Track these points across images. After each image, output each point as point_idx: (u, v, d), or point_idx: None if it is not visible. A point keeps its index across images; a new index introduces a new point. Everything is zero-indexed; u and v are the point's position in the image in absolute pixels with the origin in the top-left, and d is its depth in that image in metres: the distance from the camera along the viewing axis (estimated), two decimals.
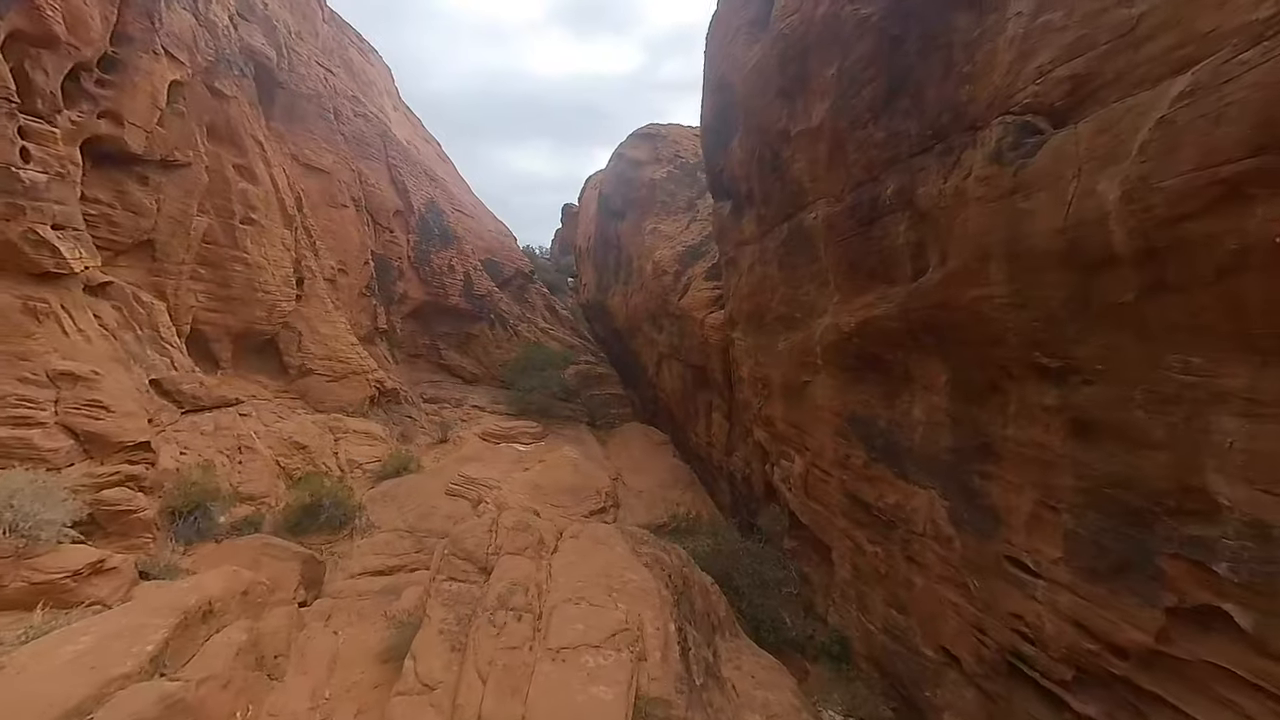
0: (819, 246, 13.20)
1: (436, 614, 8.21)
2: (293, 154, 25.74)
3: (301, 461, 18.71)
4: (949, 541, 10.23)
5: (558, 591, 8.05)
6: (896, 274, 10.83)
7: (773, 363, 16.47)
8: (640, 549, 9.48)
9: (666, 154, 33.02)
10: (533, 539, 8.94)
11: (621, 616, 7.33)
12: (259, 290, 20.85)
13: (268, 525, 15.36)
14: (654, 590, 7.98)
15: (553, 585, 8.08)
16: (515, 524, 9.12)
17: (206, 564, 10.80)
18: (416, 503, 18.01)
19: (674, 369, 27.66)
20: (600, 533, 9.49)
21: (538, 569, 8.38)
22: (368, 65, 41.07)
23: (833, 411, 13.71)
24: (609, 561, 8.61)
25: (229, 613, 8.44)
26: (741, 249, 17.88)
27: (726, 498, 23.63)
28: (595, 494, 19.61)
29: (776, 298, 15.75)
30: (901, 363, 11.35)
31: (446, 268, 33.78)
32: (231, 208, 20.00)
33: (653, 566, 8.91)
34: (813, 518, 15.04)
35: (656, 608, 7.64)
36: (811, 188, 13.13)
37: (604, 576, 8.19)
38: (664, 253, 27.85)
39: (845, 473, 13.25)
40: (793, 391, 15.42)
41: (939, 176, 9.27)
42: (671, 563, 9.66)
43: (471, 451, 23.80)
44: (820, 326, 13.61)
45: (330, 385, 23.56)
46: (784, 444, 16.45)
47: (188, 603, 8.19)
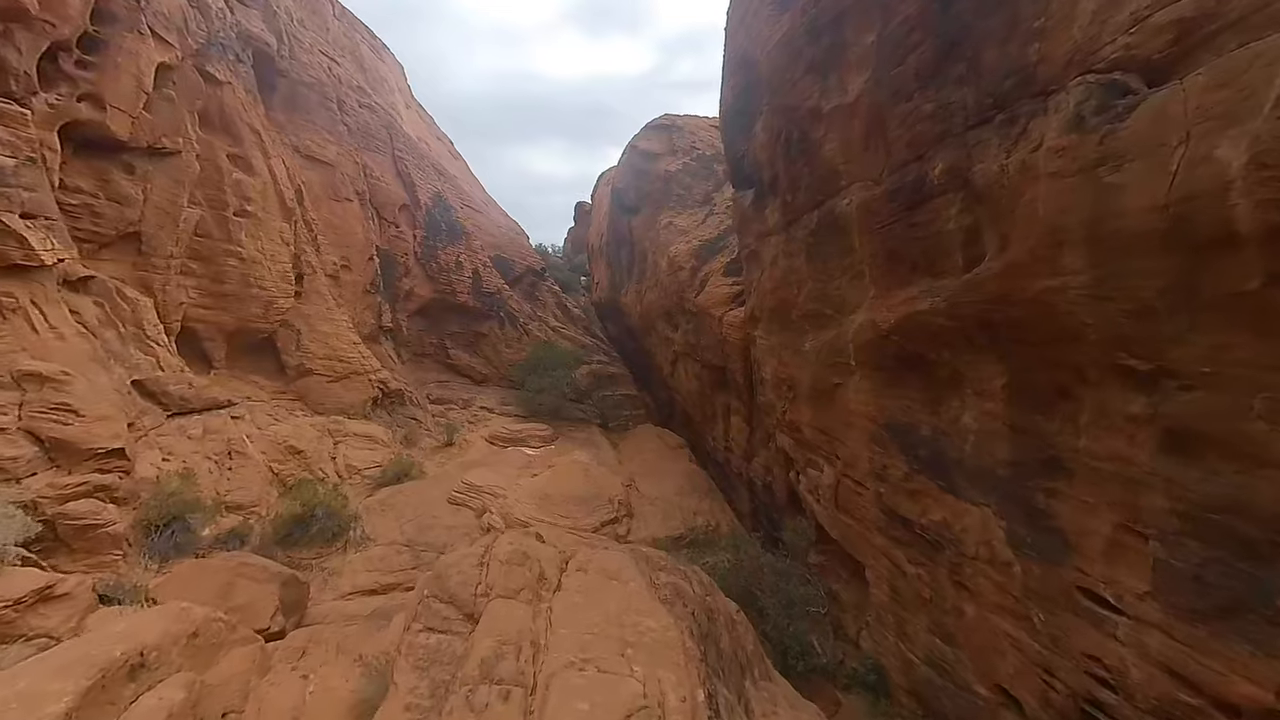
0: (853, 236, 12.11)
1: (405, 680, 6.77)
2: (294, 145, 24.87)
3: (296, 467, 17.77)
4: (1007, 567, 9.10)
5: (559, 649, 6.53)
6: (944, 264, 9.72)
7: (799, 363, 15.37)
8: (658, 578, 8.32)
9: (682, 145, 31.95)
10: (531, 575, 7.64)
11: (638, 687, 5.89)
12: (254, 286, 19.96)
13: (256, 537, 14.45)
14: (676, 642, 6.70)
15: (553, 638, 6.54)
16: (510, 555, 7.88)
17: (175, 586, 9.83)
18: (417, 512, 17.02)
19: (690, 369, 26.61)
20: (612, 563, 8.26)
21: (535, 617, 6.98)
22: (379, 62, 40.50)
23: (867, 417, 12.59)
24: (622, 602, 7.33)
25: (167, 663, 7.10)
26: (764, 241, 16.78)
27: (746, 506, 22.56)
28: (607, 503, 18.55)
29: (803, 293, 14.65)
30: (949, 364, 10.23)
31: (454, 264, 32.84)
32: (225, 199, 19.11)
33: (673, 603, 7.68)
34: (844, 532, 13.93)
35: (681, 666, 6.36)
36: (845, 170, 12.03)
37: (616, 625, 6.83)
38: (680, 247, 26.81)
39: (882, 485, 12.13)
40: (821, 395, 14.31)
41: (1000, 151, 8.14)
42: (694, 593, 8.51)
43: (478, 456, 22.84)
44: (853, 324, 12.52)
45: (330, 386, 22.64)
46: (811, 451, 15.34)
47: (109, 657, 6.71)
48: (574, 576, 7.77)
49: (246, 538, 14.13)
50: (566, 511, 17.41)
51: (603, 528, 17.38)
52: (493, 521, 16.71)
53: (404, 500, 17.67)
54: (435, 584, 7.70)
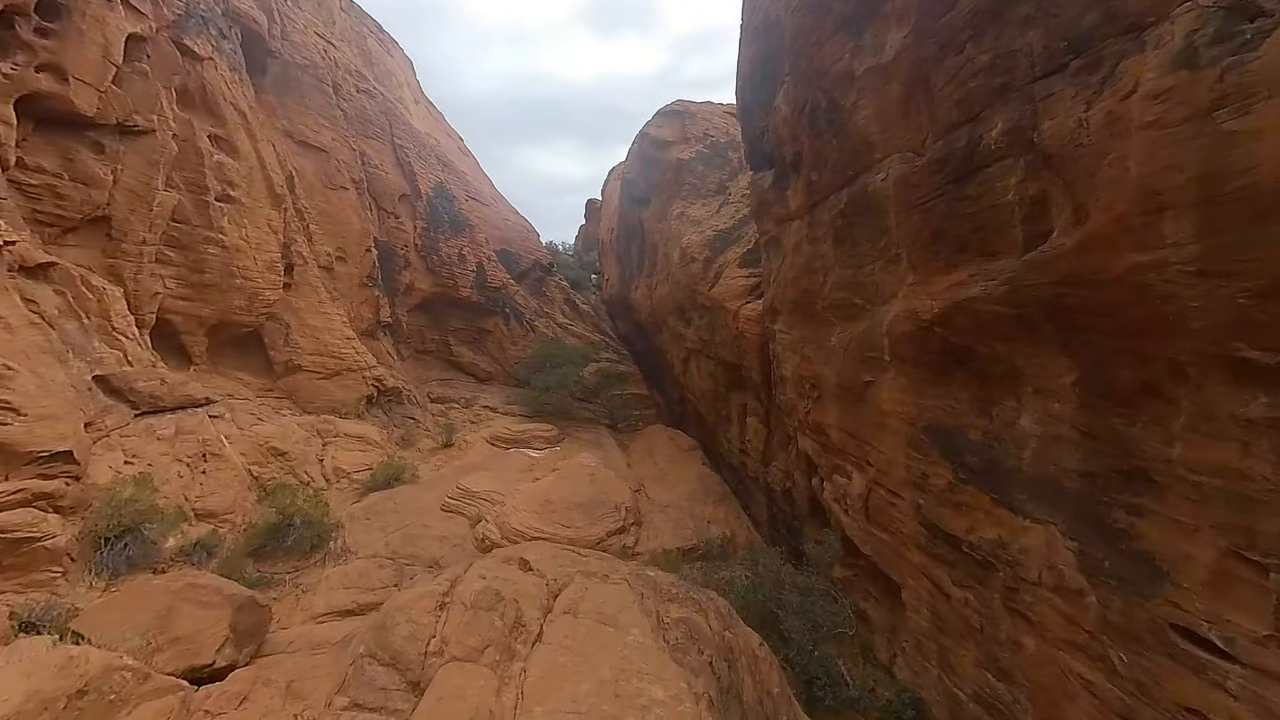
0: (888, 215, 10.89)
1: None
2: (286, 130, 23.80)
3: (278, 470, 16.65)
4: (1079, 596, 7.83)
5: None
6: (1000, 243, 8.49)
7: (824, 359, 14.16)
8: (668, 613, 6.94)
9: (695, 133, 30.79)
10: (503, 624, 5.93)
11: None
12: (238, 276, 18.86)
13: (226, 549, 13.33)
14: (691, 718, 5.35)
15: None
16: (479, 596, 6.27)
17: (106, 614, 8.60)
18: (405, 521, 15.85)
19: (703, 367, 25.44)
20: (610, 601, 6.74)
21: (501, 689, 5.13)
22: (387, 56, 39.96)
23: (904, 419, 11.34)
24: (621, 662, 5.66)
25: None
26: (785, 226, 15.57)
27: (764, 513, 21.36)
28: (614, 510, 17.32)
29: (830, 281, 13.44)
30: (1004, 358, 8.98)
31: (457, 257, 31.70)
32: (205, 182, 18.03)
33: (686, 651, 6.25)
34: (876, 547, 12.68)
35: None
36: (881, 141, 10.80)
37: (611, 697, 4.96)
38: (692, 238, 25.67)
39: (922, 495, 10.87)
40: (851, 394, 13.08)
41: (1077, 103, 6.89)
42: (711, 629, 7.15)
43: (477, 458, 21.64)
44: (888, 314, 11.31)
45: (321, 383, 21.55)
46: (838, 456, 14.11)
47: None
48: (560, 622, 6.30)
49: (214, 549, 12.99)
50: (569, 520, 16.18)
51: (609, 538, 16.16)
52: (487, 532, 15.51)
53: (392, 507, 16.49)
54: (376, 637, 6.10)
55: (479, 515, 16.51)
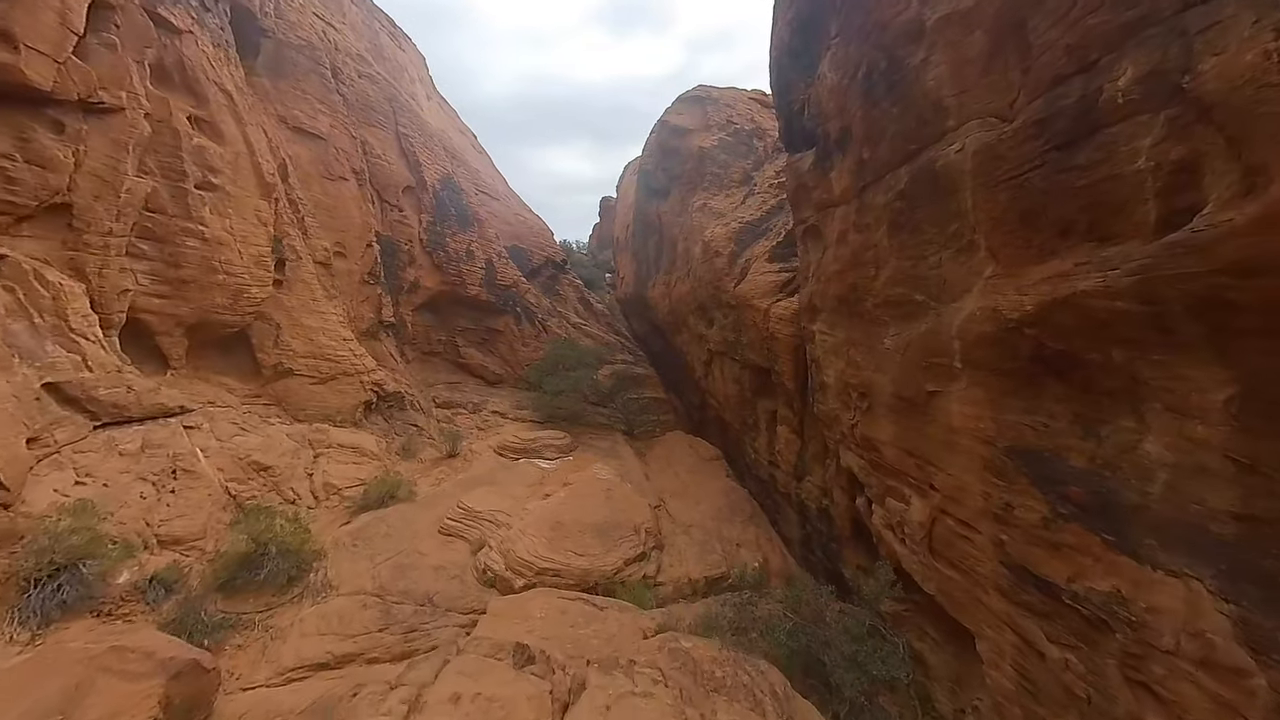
0: (962, 194, 9.26)
1: None
2: (280, 115, 22.37)
3: (260, 487, 15.15)
4: (1238, 676, 6.16)
5: None
6: (1123, 223, 6.83)
7: (875, 365, 12.53)
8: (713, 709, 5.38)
9: (718, 119, 29.25)
10: None
11: None
12: (220, 271, 17.38)
13: (190, 583, 11.81)
14: None
15: None
16: None
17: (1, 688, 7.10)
18: (397, 547, 14.28)
19: (727, 370, 23.86)
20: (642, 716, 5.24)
21: None
22: (399, 50, 39.18)
23: (980, 437, 9.68)
24: None
25: None
26: (828, 213, 13.93)
27: (795, 532, 19.75)
28: (632, 533, 15.67)
29: (883, 275, 11.81)
30: (1122, 367, 7.31)
31: (464, 253, 30.21)
32: (183, 168, 16.55)
33: None
34: (942, 586, 11.00)
35: None
36: (955, 105, 9.16)
37: None
38: (716, 231, 24.13)
39: (1005, 530, 9.19)
40: (910, 406, 11.43)
41: (1262, 30, 5.20)
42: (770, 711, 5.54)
43: (483, 470, 20.05)
44: (959, 313, 9.68)
45: (315, 389, 20.06)
46: (892, 477, 12.44)
47: None
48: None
49: (175, 584, 11.46)
50: (582, 546, 14.55)
51: (627, 567, 14.52)
52: (490, 561, 13.91)
53: (384, 531, 14.89)
54: None
55: (481, 540, 14.93)
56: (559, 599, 10.31)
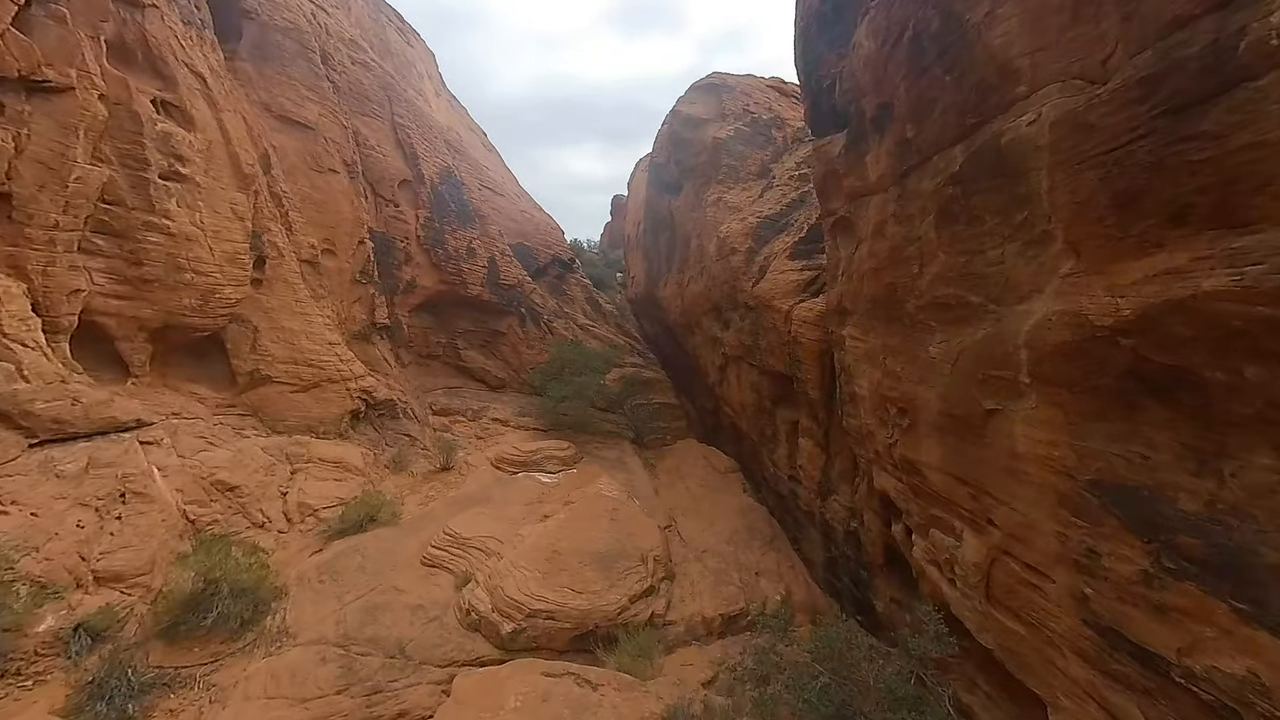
0: (1035, 175, 7.67)
1: None
2: (264, 102, 20.88)
3: (224, 510, 13.65)
4: None
5: None
6: (1267, 205, 5.19)
7: (918, 376, 10.92)
8: None
9: (734, 108, 27.59)
10: None
11: None
12: (188, 270, 15.88)
13: (128, 628, 10.27)
14: None
15: None
16: None
17: None
18: (372, 583, 12.71)
19: (744, 376, 22.23)
20: None
21: None
22: (406, 46, 38.24)
23: (1055, 467, 8.04)
24: None
25: None
26: (861, 203, 12.36)
27: (818, 553, 18.13)
28: (639, 562, 14.01)
29: (929, 273, 10.21)
30: (1260, 388, 5.68)
31: (465, 251, 28.71)
32: (145, 155, 15.04)
33: None
34: (1003, 640, 9.38)
35: None
36: (1030, 66, 7.57)
37: None
38: (732, 226, 22.52)
39: (1089, 582, 7.56)
40: (963, 425, 9.80)
41: None
42: None
43: (477, 487, 18.46)
44: (1029, 318, 8.08)
45: (296, 397, 18.55)
46: (939, 506, 10.83)
47: None
48: None
49: (107, 632, 9.94)
50: (581, 581, 12.89)
51: (633, 604, 12.85)
52: (475, 600, 12.27)
53: (358, 563, 13.29)
54: None
55: (468, 573, 13.34)
56: (542, 677, 8.72)
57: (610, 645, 11.90)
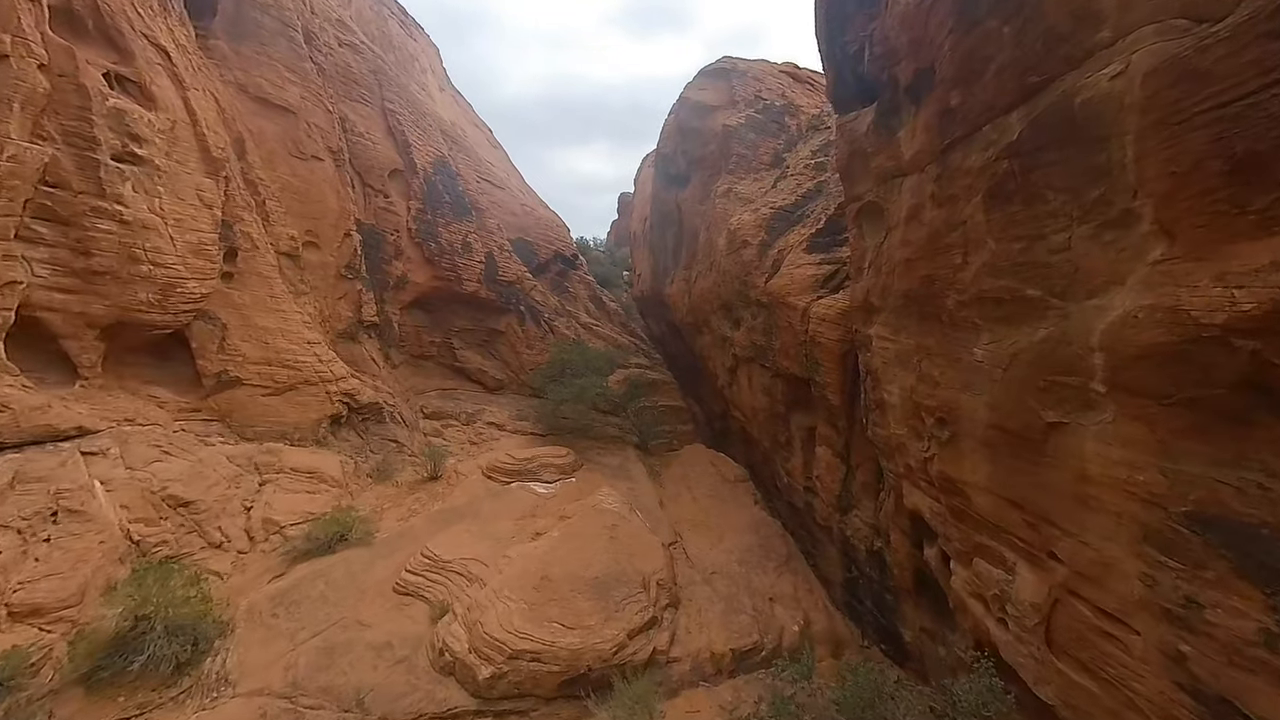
0: (1118, 140, 6.37)
1: None
2: (239, 83, 19.52)
3: (176, 528, 12.24)
4: None
5: None
6: None
7: (962, 382, 9.49)
8: None
9: (745, 95, 26.17)
10: None
11: None
12: (145, 261, 14.47)
13: (41, 674, 8.84)
14: None
15: None
16: None
17: None
18: (332, 615, 11.26)
19: (756, 379, 20.77)
20: None
21: None
22: (409, 40, 37.18)
23: (1138, 495, 6.66)
24: None
25: None
26: (893, 185, 10.94)
27: (837, 572, 16.72)
28: (640, 589, 12.52)
29: (975, 262, 8.80)
30: None
31: (460, 245, 27.26)
32: (93, 134, 13.64)
33: None
34: (1066, 694, 7.97)
35: None
36: (1114, 8, 6.26)
37: None
38: (744, 218, 21.11)
39: (1186, 637, 6.15)
40: (1018, 441, 8.38)
41: None
42: None
43: (464, 500, 16.96)
44: (1106, 314, 6.75)
45: (269, 401, 17.14)
46: (985, 532, 9.42)
47: None
48: None
49: (14, 679, 8.54)
50: (574, 613, 11.37)
51: (631, 640, 11.34)
52: (451, 638, 10.77)
53: (320, 590, 11.83)
54: None
55: (445, 602, 11.88)
56: None
57: (604, 692, 10.40)
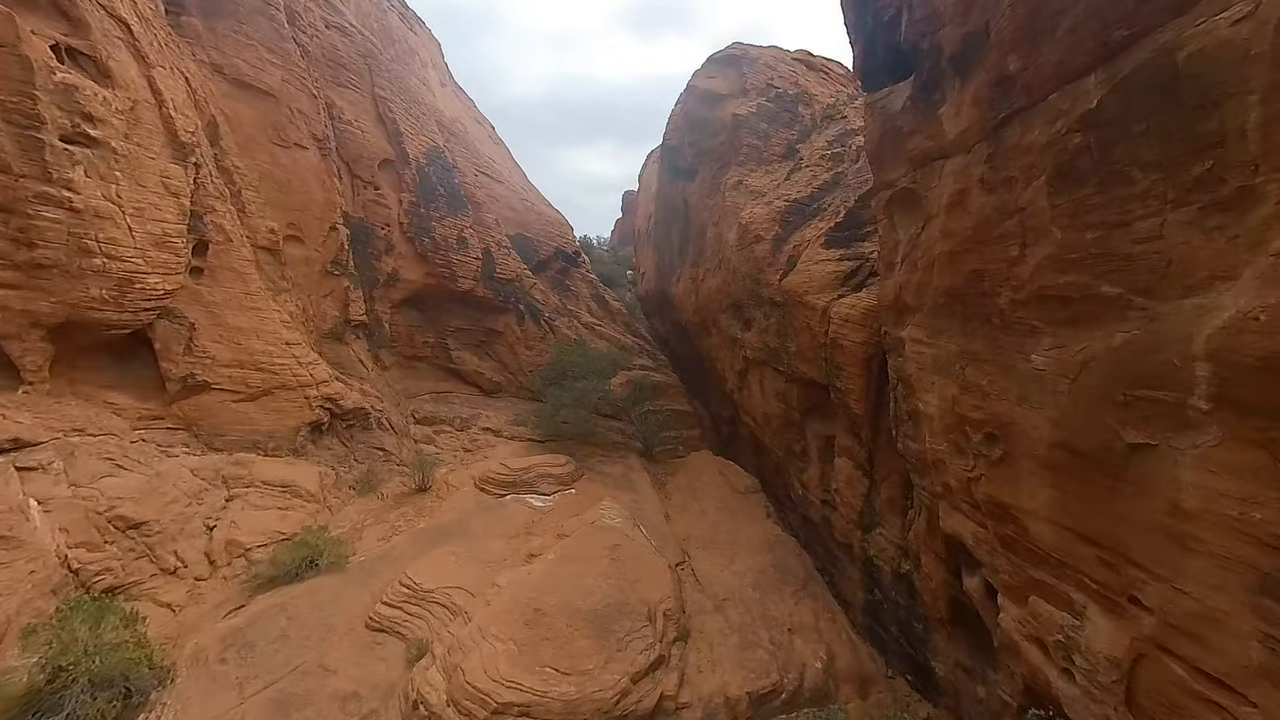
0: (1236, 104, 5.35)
1: None
2: (214, 63, 18.23)
3: (123, 553, 10.90)
4: None
5: None
6: None
7: (1017, 393, 8.21)
8: None
9: (756, 82, 24.87)
10: None
11: None
12: (98, 254, 13.17)
13: None
14: None
15: None
16: None
17: None
18: (292, 659, 9.87)
19: (769, 383, 19.45)
20: None
21: None
22: (410, 33, 36.08)
23: (1251, 536, 5.43)
24: None
25: None
26: (933, 169, 9.66)
27: (857, 594, 15.48)
28: (645, 621, 11.12)
29: (1036, 254, 7.54)
30: None
31: (455, 240, 25.93)
32: (38, 111, 12.32)
33: None
34: None
35: None
36: None
37: None
38: (756, 211, 19.80)
39: None
40: (1090, 464, 7.11)
41: None
42: None
43: (453, 516, 15.54)
44: (1212, 316, 5.73)
45: (240, 407, 15.83)
46: (1045, 568, 8.16)
47: None
48: None
49: None
50: (569, 656, 9.93)
51: (635, 685, 9.93)
52: (424, 688, 9.35)
53: (281, 628, 10.41)
54: None
55: (424, 641, 10.52)
56: None
57: None
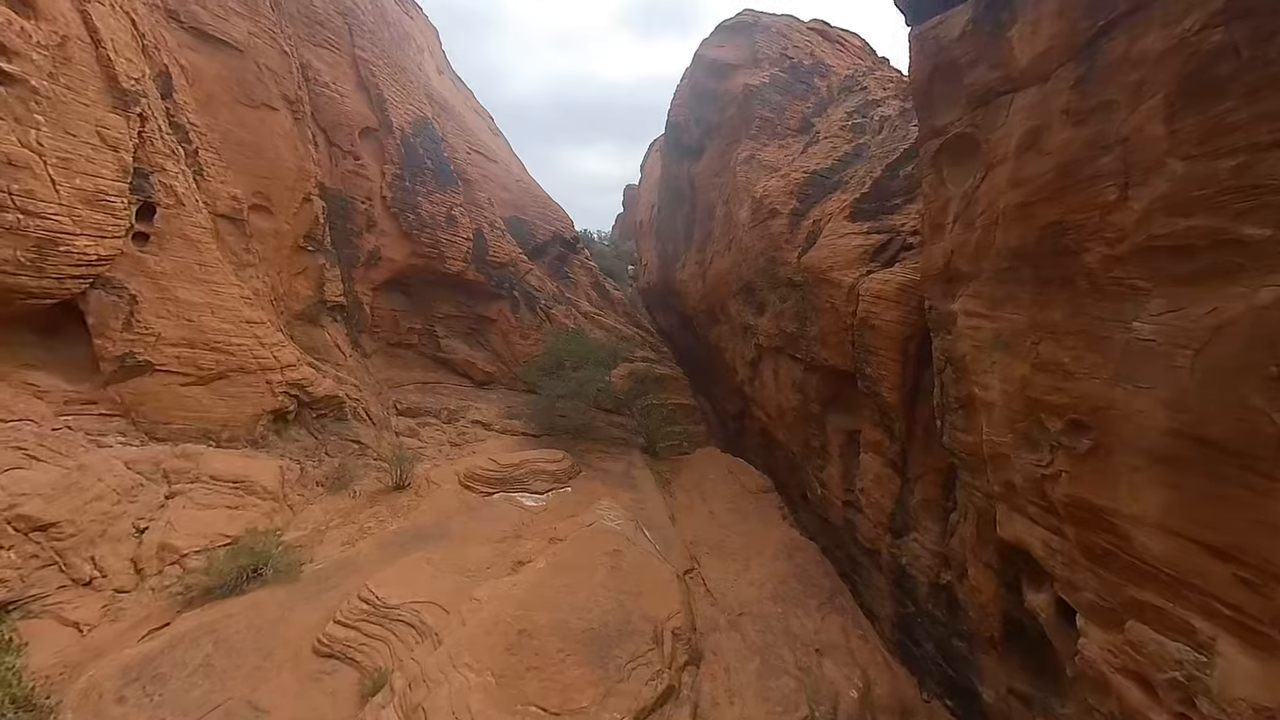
0: None
1: None
2: (168, 8, 16.42)
3: (24, 561, 9.03)
4: None
5: None
6: None
7: (1113, 370, 6.55)
8: None
9: (770, 52, 23.25)
10: None
11: None
12: (10, 208, 11.33)
13: None
14: None
15: None
16: None
17: None
18: (214, 695, 7.98)
19: (784, 372, 17.74)
20: None
21: None
22: (405, 17, 34.04)
23: None
24: None
25: None
26: (995, 107, 8.03)
27: (885, 605, 13.86)
28: (651, 642, 9.27)
29: (1146, 196, 6.02)
30: None
31: (444, 218, 24.12)
32: None
33: None
34: None
35: None
36: None
37: None
38: (770, 184, 18.17)
39: None
40: (1227, 456, 5.33)
41: None
42: None
43: (432, 517, 13.74)
44: None
45: (190, 392, 14.00)
46: (1154, 586, 6.47)
47: None
48: None
49: None
50: (561, 688, 8.06)
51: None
52: None
53: (205, 655, 8.46)
54: None
55: (383, 672, 8.66)
56: None
57: None
